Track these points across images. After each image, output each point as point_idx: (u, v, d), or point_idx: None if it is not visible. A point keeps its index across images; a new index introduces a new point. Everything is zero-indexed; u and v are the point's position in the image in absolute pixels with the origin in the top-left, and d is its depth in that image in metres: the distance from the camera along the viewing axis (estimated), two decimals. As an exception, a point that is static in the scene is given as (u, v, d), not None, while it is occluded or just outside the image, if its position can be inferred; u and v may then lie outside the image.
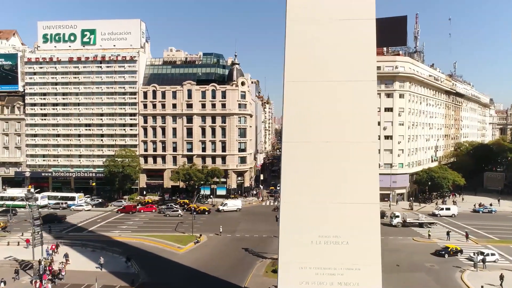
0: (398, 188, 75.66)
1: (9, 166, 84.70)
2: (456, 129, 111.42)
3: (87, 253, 42.18)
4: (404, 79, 76.00)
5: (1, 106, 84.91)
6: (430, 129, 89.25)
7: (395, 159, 74.85)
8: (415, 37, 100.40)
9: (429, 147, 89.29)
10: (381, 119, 74.36)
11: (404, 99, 76.26)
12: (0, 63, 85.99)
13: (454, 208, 65.58)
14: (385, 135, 74.88)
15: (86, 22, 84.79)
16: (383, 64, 74.99)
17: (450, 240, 47.60)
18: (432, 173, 74.47)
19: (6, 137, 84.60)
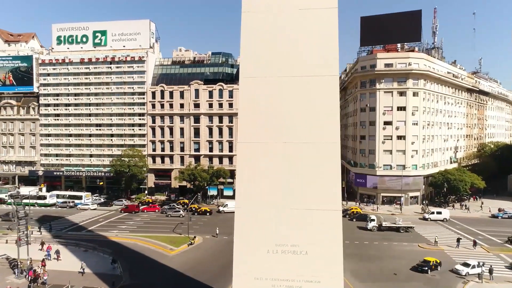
0: (411, 190, 72.16)
1: (24, 165, 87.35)
2: (480, 129, 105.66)
3: (78, 252, 42.12)
4: (418, 76, 72.26)
5: (17, 106, 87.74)
6: (448, 129, 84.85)
7: (408, 161, 71.31)
8: (433, 33, 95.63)
9: (447, 148, 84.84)
10: (393, 119, 71.23)
11: (418, 97, 72.47)
12: (16, 65, 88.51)
13: (446, 212, 61.82)
14: (398, 135, 71.58)
15: (98, 24, 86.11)
16: (395, 61, 71.84)
17: (459, 248, 44.45)
18: (448, 175, 70.45)
19: (22, 136, 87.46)
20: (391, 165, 70.90)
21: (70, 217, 61.37)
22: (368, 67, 74.13)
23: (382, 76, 71.66)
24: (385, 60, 72.20)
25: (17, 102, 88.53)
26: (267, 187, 18.73)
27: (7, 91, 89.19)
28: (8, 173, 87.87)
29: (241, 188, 19.09)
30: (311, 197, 18.18)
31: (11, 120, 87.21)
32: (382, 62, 72.12)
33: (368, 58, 75.11)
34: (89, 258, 39.94)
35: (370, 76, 73.17)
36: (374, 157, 71.75)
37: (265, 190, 18.78)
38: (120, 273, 35.56)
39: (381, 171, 71.09)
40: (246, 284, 18.72)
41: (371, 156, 73.11)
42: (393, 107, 71.15)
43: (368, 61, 74.50)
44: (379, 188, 71.61)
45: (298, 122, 18.36)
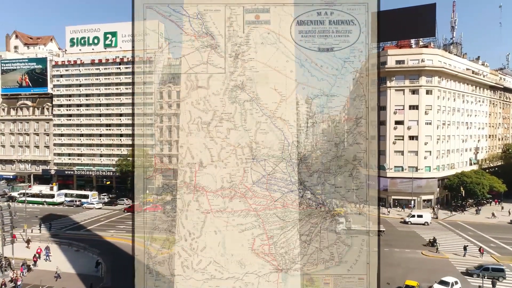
0: (424, 193, 68.45)
1: (39, 164, 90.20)
2: (505, 129, 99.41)
3: (70, 252, 42.37)
4: (432, 73, 68.53)
5: (32, 107, 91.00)
6: (468, 129, 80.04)
7: (421, 162, 67.76)
8: (452, 27, 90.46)
9: (466, 149, 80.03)
10: (405, 118, 67.94)
11: (432, 95, 68.71)
12: (32, 67, 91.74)
13: (427, 215, 58.24)
14: (410, 135, 68.13)
15: (108, 25, 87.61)
16: (407, 58, 68.47)
17: (466, 256, 41.33)
18: (464, 177, 66.34)
19: (36, 136, 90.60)
20: (402, 166, 67.61)
21: (73, 216, 62.24)
22: (378, 65, 71.24)
23: (392, 74, 68.54)
24: (396, 56, 69.06)
25: (33, 103, 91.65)
26: None
27: (24, 92, 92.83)
28: (24, 171, 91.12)
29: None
30: None
31: (26, 121, 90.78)
32: (393, 59, 68.99)
33: (378, 55, 72.24)
34: (79, 258, 40.02)
35: (380, 74, 70.25)
36: (385, 158, 68.65)
37: None
38: (101, 275, 35.21)
39: (392, 172, 67.93)
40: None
41: (381, 157, 70.08)
42: (404, 106, 67.84)
43: (379, 58, 71.61)
44: (390, 191, 68.46)
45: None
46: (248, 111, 3.87)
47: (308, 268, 4.18)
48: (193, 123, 4.02)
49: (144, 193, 3.59)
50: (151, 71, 4.21)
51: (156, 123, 4.89)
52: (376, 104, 4.36)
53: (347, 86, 4.10)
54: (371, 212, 4.74)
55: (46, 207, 69.61)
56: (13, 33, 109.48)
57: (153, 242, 4.30)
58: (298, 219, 4.15)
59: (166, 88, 5.53)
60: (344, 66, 4.04)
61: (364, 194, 3.98)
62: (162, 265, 4.20)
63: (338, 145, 4.05)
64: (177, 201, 3.95)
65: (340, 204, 4.00)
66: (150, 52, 3.77)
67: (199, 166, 3.95)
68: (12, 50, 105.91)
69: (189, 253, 4.20)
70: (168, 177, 3.59)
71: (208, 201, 4.09)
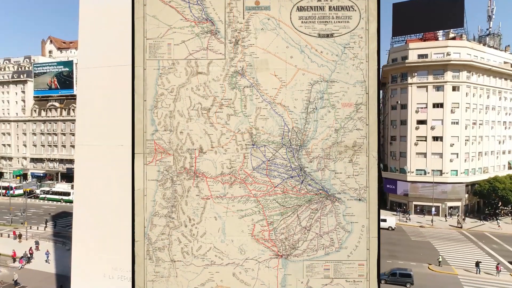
0: (450, 200, 67.79)
1: (65, 162, 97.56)
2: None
3: (61, 251, 44.48)
4: (460, 67, 67.81)
5: (60, 108, 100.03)
6: (506, 129, 78.13)
7: (446, 165, 67.16)
8: (489, 17, 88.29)
9: (504, 151, 78.10)
10: (427, 117, 67.51)
11: (460, 92, 68.05)
12: (60, 69, 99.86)
13: (391, 220, 57.35)
14: (433, 136, 67.50)
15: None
16: (430, 51, 67.93)
17: (480, 274, 40.03)
18: (496, 183, 65.19)
19: (63, 136, 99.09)
20: (424, 170, 67.08)
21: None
22: (399, 59, 70.86)
23: (414, 69, 68.17)
24: (419, 50, 68.59)
25: (60, 104, 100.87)
26: (102, 196, 16.76)
27: (53, 94, 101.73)
28: (53, 170, 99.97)
29: (78, 200, 17.50)
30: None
31: (54, 121, 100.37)
32: (415, 53, 68.57)
33: (399, 49, 71.87)
34: (66, 257, 42.11)
35: (400, 70, 69.92)
36: (405, 161, 68.31)
37: (101, 199, 16.80)
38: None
39: (413, 176, 67.50)
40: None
41: (402, 160, 69.74)
42: (427, 104, 67.40)
43: (399, 52, 71.25)
44: (411, 196, 68.09)
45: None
46: (248, 97, 4.19)
47: (308, 254, 4.38)
48: (193, 109, 4.26)
49: (144, 179, 3.81)
50: (151, 57, 4.44)
51: (156, 109, 5.10)
52: (376, 90, 4.46)
53: (347, 72, 4.28)
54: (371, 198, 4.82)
55: (63, 204, 74.17)
56: (48, 38, 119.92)
57: (153, 228, 4.44)
58: (298, 205, 4.37)
59: (166, 74, 5.79)
60: (344, 52, 4.30)
61: (364, 180, 4.15)
62: (162, 251, 4.35)
63: (338, 131, 4.25)
64: (177, 187, 4.22)
65: (340, 189, 4.17)
66: (150, 38, 4.03)
67: (199, 152, 4.23)
68: (47, 54, 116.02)
69: (189, 239, 4.40)
70: (168, 163, 3.85)
71: (208, 187, 4.35)
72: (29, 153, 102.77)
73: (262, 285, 4.75)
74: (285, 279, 4.76)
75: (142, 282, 4.81)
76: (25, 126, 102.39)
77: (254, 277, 4.71)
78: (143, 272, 4.80)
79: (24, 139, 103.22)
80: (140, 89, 4.43)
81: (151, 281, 4.83)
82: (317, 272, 4.66)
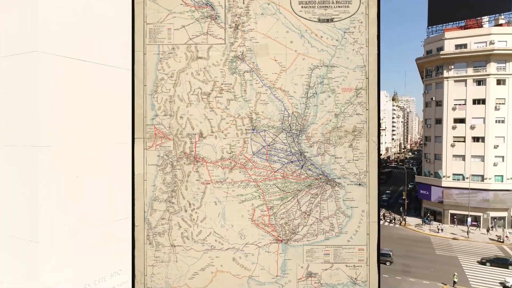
0: (493, 209, 66.67)
1: None
2: None
3: None
4: (506, 57, 66.34)
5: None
6: None
7: (488, 170, 66.15)
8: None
9: None
10: (466, 115, 66.81)
11: (506, 86, 66.85)
12: None
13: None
14: (474, 136, 66.66)
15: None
16: (470, 41, 67.15)
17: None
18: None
19: None
20: (463, 174, 66.36)
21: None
22: (434, 51, 70.39)
23: (451, 61, 67.59)
24: (456, 40, 67.99)
25: None
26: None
27: None
28: None
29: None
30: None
31: None
32: (452, 42, 68.04)
33: (434, 40, 71.37)
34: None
35: (435, 62, 69.44)
36: (440, 164, 67.75)
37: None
38: None
39: (449, 181, 66.87)
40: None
41: (437, 163, 69.18)
42: (466, 100, 66.66)
43: (434, 43, 70.77)
44: (446, 203, 67.43)
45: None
46: (248, 81, 4.68)
47: (308, 239, 4.80)
48: (193, 93, 4.71)
49: (144, 164, 4.25)
50: (151, 42, 4.92)
51: (156, 94, 5.64)
52: (376, 75, 4.78)
53: (347, 57, 4.67)
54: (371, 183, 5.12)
55: None
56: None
57: (153, 213, 4.91)
58: (298, 190, 4.78)
59: (166, 59, 6.34)
60: (344, 37, 4.75)
61: (364, 165, 4.52)
62: (162, 236, 4.80)
63: (338, 115, 4.64)
64: (177, 172, 4.68)
65: (340, 174, 4.55)
66: (150, 23, 4.50)
67: (199, 137, 4.70)
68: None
69: (189, 224, 4.86)
70: (168, 148, 4.29)
71: (208, 171, 4.81)
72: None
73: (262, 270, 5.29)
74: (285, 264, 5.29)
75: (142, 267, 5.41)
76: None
77: (254, 262, 5.26)
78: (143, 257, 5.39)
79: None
80: (140, 74, 5.06)
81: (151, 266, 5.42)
82: (317, 257, 5.19)
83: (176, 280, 5.62)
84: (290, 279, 5.12)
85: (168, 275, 5.60)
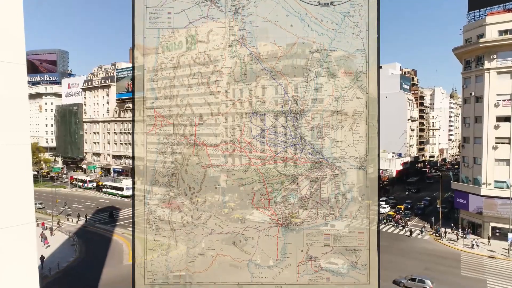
0: (525, 221, 65.22)
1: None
2: None
3: (65, 246, 56.95)
4: (534, 45, 65.00)
5: (132, 109, 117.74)
6: None
7: (515, 175, 64.56)
8: None
9: None
10: (487, 114, 65.69)
11: (534, 78, 65.47)
12: (130, 73, 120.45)
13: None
14: (497, 137, 65.34)
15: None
16: (490, 28, 65.54)
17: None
18: None
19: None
20: (506, 182, 65.56)
21: (124, 210, 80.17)
22: (474, 39, 69.80)
23: (494, 50, 66.44)
24: (500, 25, 66.63)
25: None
26: None
27: (128, 97, 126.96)
28: (128, 166, 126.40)
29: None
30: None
31: (128, 121, 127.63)
32: (495, 28, 66.76)
33: (473, 27, 70.40)
34: (61, 253, 52.62)
35: (475, 52, 68.55)
36: (480, 169, 67.04)
37: None
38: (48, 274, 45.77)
39: (490, 189, 65.82)
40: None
41: (476, 167, 68.43)
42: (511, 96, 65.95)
43: (474, 30, 69.84)
44: (485, 215, 66.36)
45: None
46: (248, 65, 5.16)
47: (308, 222, 5.26)
48: (193, 77, 5.17)
49: (144, 148, 4.68)
50: (151, 26, 5.34)
51: (156, 78, 6.07)
52: (376, 58, 5.12)
53: (347, 40, 5.12)
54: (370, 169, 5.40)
55: (117, 199, 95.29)
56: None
57: (153, 196, 5.35)
58: (298, 173, 5.23)
59: (166, 43, 6.79)
60: (344, 21, 5.21)
61: (364, 148, 4.90)
62: (162, 220, 5.28)
63: (338, 99, 5.07)
64: (177, 156, 5.14)
65: (340, 158, 4.98)
66: (150, 7, 4.96)
67: (199, 121, 5.17)
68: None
69: (189, 207, 5.37)
70: (168, 131, 4.71)
71: (208, 155, 5.29)
72: (112, 150, 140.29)
73: (262, 254, 6.02)
74: (285, 247, 6.01)
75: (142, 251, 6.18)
76: (109, 126, 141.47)
77: (254, 246, 5.98)
78: (143, 241, 6.16)
79: (108, 138, 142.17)
80: (140, 58, 5.82)
81: (151, 249, 6.19)
82: (317, 240, 5.90)
83: (176, 264, 6.38)
84: (290, 263, 5.77)
85: (168, 259, 6.36)
